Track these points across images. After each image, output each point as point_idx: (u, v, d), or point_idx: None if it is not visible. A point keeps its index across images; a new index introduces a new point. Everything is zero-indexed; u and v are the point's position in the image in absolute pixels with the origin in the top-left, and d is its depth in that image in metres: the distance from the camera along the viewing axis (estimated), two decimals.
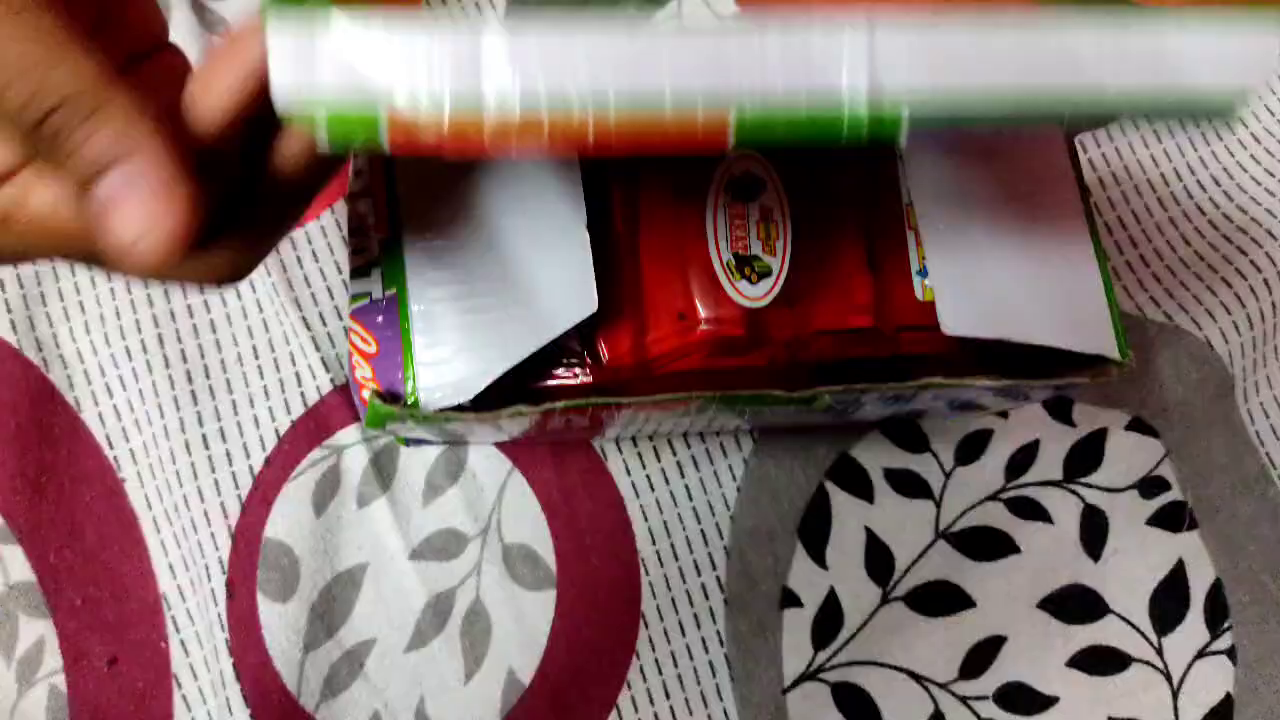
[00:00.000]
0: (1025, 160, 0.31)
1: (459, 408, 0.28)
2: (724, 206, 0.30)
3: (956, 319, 0.28)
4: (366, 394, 0.29)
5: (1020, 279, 0.29)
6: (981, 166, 0.30)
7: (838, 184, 0.32)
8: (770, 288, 0.29)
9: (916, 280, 0.31)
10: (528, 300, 0.28)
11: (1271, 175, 0.44)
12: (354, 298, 0.30)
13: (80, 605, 0.37)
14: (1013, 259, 0.29)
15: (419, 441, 0.38)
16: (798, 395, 0.29)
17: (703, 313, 0.29)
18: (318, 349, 0.39)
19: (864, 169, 0.32)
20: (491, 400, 0.28)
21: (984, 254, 0.29)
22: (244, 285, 0.39)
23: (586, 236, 0.28)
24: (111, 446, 0.38)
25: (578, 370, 0.30)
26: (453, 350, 0.29)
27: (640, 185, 0.31)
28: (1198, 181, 0.44)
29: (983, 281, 0.29)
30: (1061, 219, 0.30)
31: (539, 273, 0.28)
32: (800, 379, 0.29)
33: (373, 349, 0.29)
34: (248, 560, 0.37)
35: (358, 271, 0.30)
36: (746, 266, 0.29)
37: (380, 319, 0.29)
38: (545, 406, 0.28)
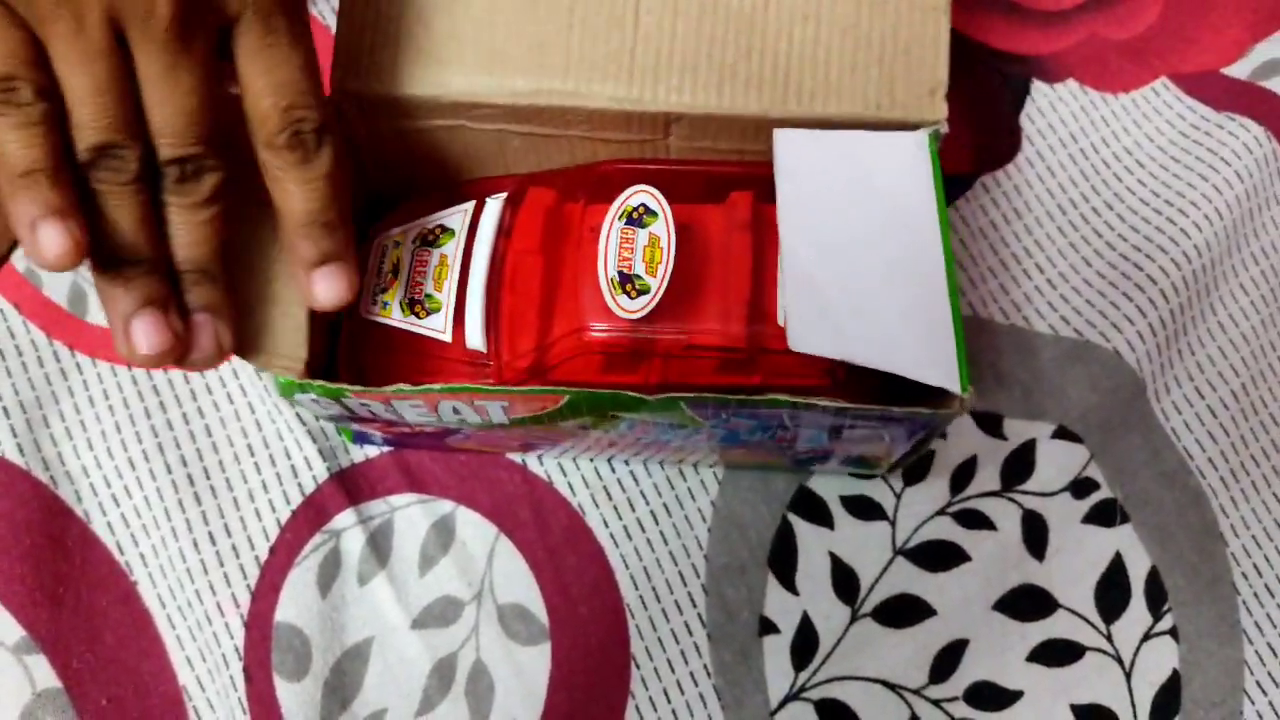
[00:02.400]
0: (892, 200, 0.35)
1: (346, 383, 0.33)
2: (617, 232, 0.34)
3: (804, 337, 0.31)
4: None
5: (873, 310, 0.33)
6: (851, 205, 0.34)
7: (730, 223, 0.36)
8: (646, 304, 0.33)
9: (781, 310, 0.34)
10: None
11: (1157, 195, 0.49)
12: None
13: (106, 705, 0.39)
14: (868, 290, 0.33)
15: (362, 439, 0.41)
16: (655, 399, 0.32)
17: (589, 322, 0.34)
18: (314, 441, 0.42)
19: (755, 212, 0.36)
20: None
21: (840, 283, 0.33)
22: (235, 390, 0.43)
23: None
24: (122, 553, 0.41)
25: (484, 370, 0.36)
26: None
27: (559, 211, 0.37)
28: (1092, 208, 0.49)
29: (835, 308, 0.32)
30: (920, 258, 0.34)
31: None
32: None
33: None
34: (261, 645, 0.39)
35: None
36: (628, 284, 0.34)
37: None
38: (424, 388, 0.32)
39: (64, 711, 0.39)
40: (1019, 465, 0.44)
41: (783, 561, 0.43)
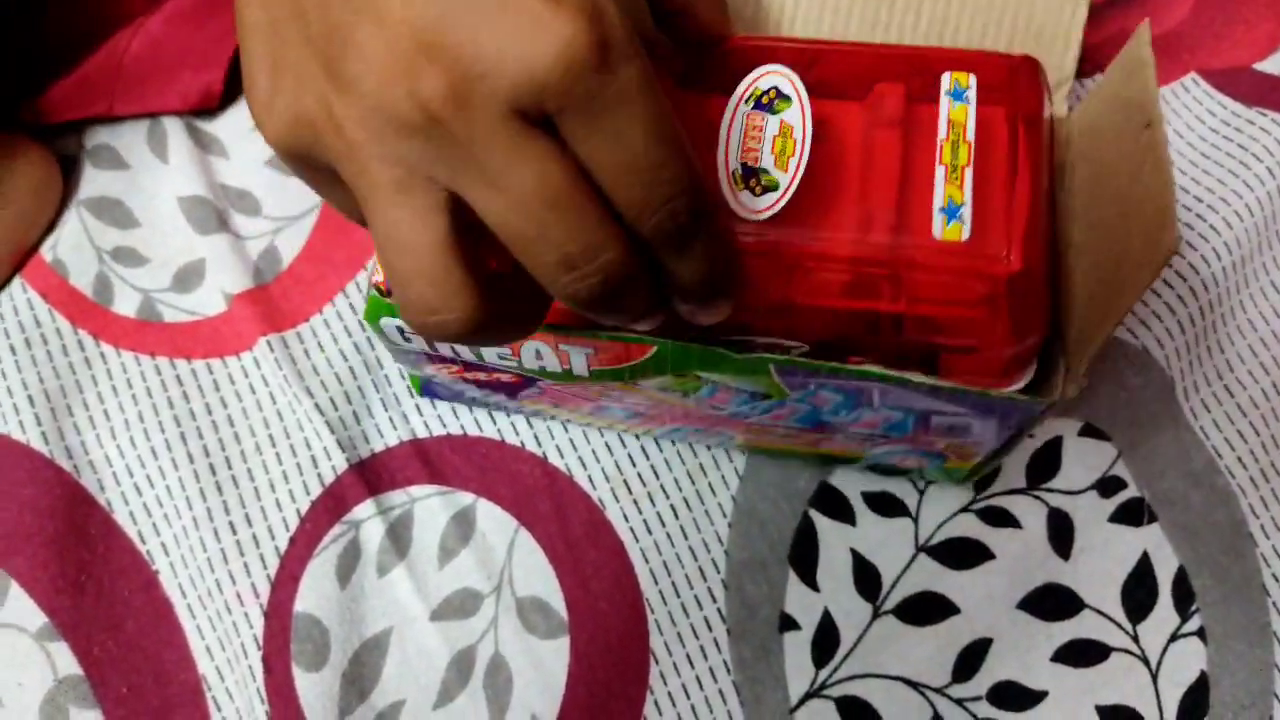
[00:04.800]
0: None
1: None
2: (742, 117, 0.30)
3: None
4: (375, 291, 0.32)
5: None
6: None
7: (875, 118, 0.31)
8: (773, 202, 0.29)
9: (938, 217, 0.29)
10: None
11: (1187, 191, 0.48)
12: None
13: (126, 693, 0.39)
14: None
15: (430, 391, 0.41)
16: (741, 357, 0.29)
17: None
18: (332, 432, 0.42)
19: (906, 108, 0.31)
20: None
21: None
22: (257, 380, 0.43)
23: None
24: (144, 542, 0.41)
25: None
26: None
27: (672, 89, 0.32)
28: None
29: None
30: None
31: None
32: (781, 330, 0.30)
33: None
34: (281, 635, 0.39)
35: None
36: (752, 178, 0.29)
37: None
38: None
39: (85, 699, 0.39)
40: (1045, 462, 0.44)
41: (804, 557, 0.42)
